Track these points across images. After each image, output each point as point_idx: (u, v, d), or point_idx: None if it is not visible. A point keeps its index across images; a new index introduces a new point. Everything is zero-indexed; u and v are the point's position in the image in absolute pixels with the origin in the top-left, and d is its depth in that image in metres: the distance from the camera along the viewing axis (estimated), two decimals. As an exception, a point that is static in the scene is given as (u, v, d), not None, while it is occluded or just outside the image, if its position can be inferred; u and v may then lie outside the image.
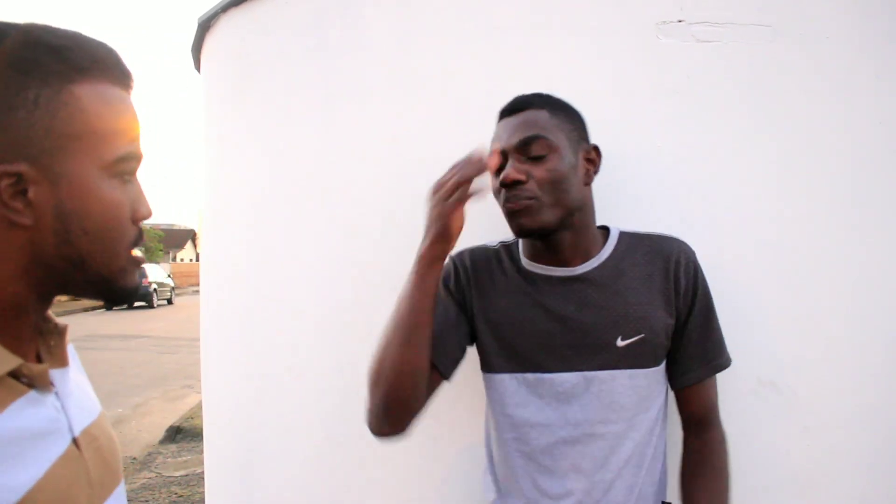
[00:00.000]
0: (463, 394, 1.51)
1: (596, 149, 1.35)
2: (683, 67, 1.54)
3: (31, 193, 0.73)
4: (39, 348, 0.85)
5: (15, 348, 0.77)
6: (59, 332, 0.88)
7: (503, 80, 1.58)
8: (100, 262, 0.79)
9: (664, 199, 1.53)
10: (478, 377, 1.48)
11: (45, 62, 0.74)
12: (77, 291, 0.83)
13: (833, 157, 1.53)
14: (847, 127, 1.54)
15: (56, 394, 0.82)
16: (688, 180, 1.53)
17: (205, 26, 2.23)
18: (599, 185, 1.38)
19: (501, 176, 1.28)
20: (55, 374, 0.83)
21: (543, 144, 1.26)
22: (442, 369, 1.34)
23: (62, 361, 0.86)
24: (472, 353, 1.42)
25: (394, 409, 1.28)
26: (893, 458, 1.54)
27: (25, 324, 0.80)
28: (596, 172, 1.35)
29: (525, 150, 1.27)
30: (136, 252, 0.84)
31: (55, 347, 0.87)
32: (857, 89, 1.55)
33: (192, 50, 2.45)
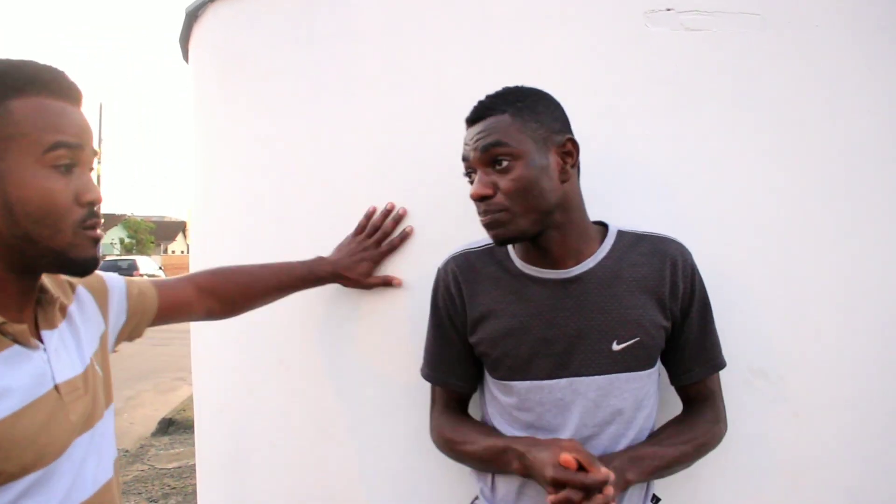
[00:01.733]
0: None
1: (571, 140, 1.29)
2: (672, 57, 1.54)
3: None
4: (38, 314, 1.09)
5: (3, 313, 1.00)
6: (51, 301, 1.11)
7: (492, 70, 1.58)
8: (46, 239, 1.00)
9: (652, 190, 1.53)
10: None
11: None
12: (40, 266, 1.05)
13: (823, 147, 1.53)
14: (836, 116, 1.54)
15: (44, 349, 1.06)
16: (676, 170, 1.53)
17: (193, 16, 2.21)
18: (586, 177, 1.37)
19: (470, 192, 1.27)
20: (46, 334, 1.08)
21: (505, 151, 1.23)
22: (462, 391, 1.48)
23: (52, 324, 1.10)
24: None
25: None
26: (883, 444, 1.55)
27: (9, 295, 1.03)
28: (574, 165, 1.30)
29: (489, 160, 1.25)
30: (92, 230, 1.04)
31: (48, 313, 1.10)
32: (846, 78, 1.55)
33: (181, 40, 2.43)
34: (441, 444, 1.44)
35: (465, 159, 1.30)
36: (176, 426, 7.01)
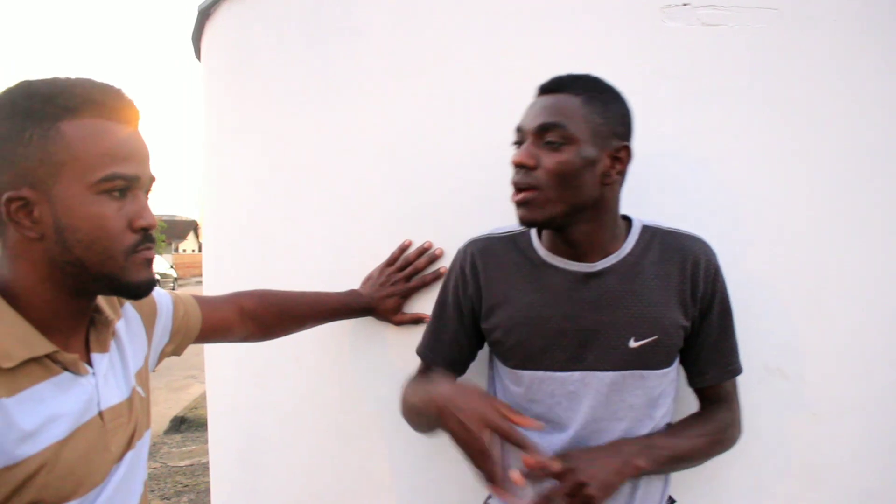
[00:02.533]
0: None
1: (627, 148, 1.26)
2: (688, 51, 1.52)
3: (35, 212, 0.95)
4: (90, 335, 1.08)
5: (56, 337, 0.99)
6: (106, 323, 1.11)
7: (503, 66, 1.57)
8: (97, 265, 0.98)
9: (667, 186, 1.52)
10: (482, 366, 1.47)
11: (38, 108, 0.94)
12: (93, 290, 1.03)
13: (841, 143, 1.52)
14: (854, 111, 1.52)
15: (93, 374, 1.05)
16: (692, 166, 1.52)
17: (205, 14, 2.21)
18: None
19: (512, 157, 1.24)
20: (96, 357, 1.07)
21: (561, 133, 1.20)
22: (455, 372, 1.44)
23: (104, 347, 1.09)
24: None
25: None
26: (902, 444, 1.53)
27: (64, 318, 1.02)
28: (620, 173, 1.27)
29: (542, 135, 1.22)
30: (144, 254, 1.01)
31: (101, 335, 1.10)
32: (863, 72, 1.53)
33: (193, 38, 2.43)
34: (401, 406, 1.41)
35: (518, 128, 1.27)
36: (188, 424, 7.04)
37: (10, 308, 0.97)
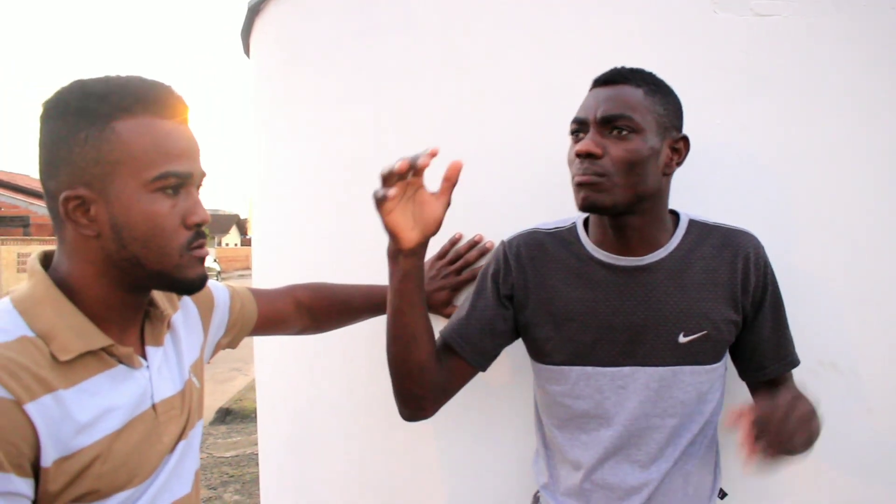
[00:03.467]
0: (515, 379, 1.51)
1: (685, 140, 1.29)
2: (741, 42, 1.50)
3: (91, 211, 0.97)
4: (145, 328, 1.10)
5: (111, 331, 1.02)
6: (161, 317, 1.13)
7: (555, 58, 1.57)
8: (153, 261, 1.00)
9: (721, 180, 1.50)
10: (527, 361, 1.48)
11: (93, 107, 0.96)
12: (148, 285, 1.06)
13: (896, 133, 1.49)
14: (914, 101, 1.49)
15: (147, 367, 1.07)
16: (745, 159, 1.50)
17: (255, 10, 2.24)
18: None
19: (577, 146, 1.23)
20: (151, 350, 1.10)
21: (628, 123, 1.21)
22: (470, 361, 1.37)
23: (158, 341, 1.12)
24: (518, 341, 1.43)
25: (405, 399, 1.37)
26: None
27: (119, 312, 1.04)
28: (679, 164, 1.28)
29: (608, 124, 1.22)
30: (198, 251, 1.03)
31: (156, 329, 1.12)
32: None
33: (242, 34, 2.47)
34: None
35: (579, 119, 1.26)
36: (233, 416, 7.16)
37: (69, 302, 0.99)
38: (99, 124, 0.95)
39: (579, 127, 1.27)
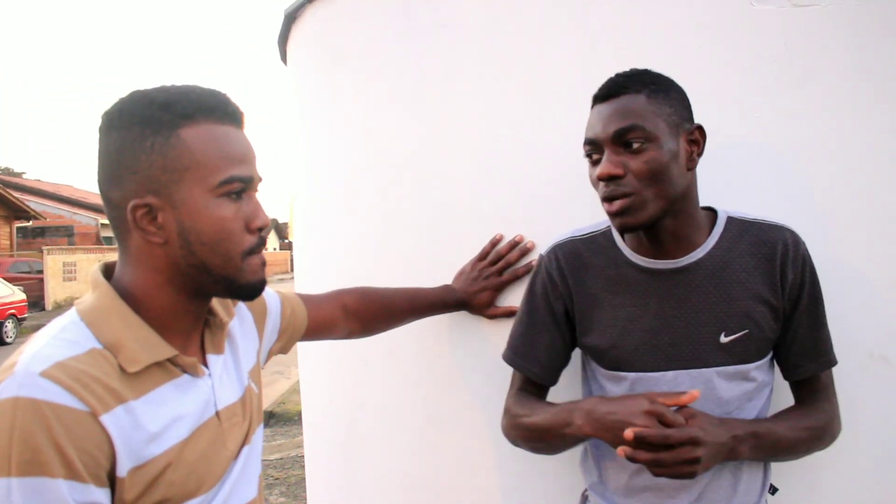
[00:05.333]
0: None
1: (700, 129, 1.26)
2: (780, 34, 1.48)
3: (159, 218, 0.98)
4: (205, 337, 1.12)
5: (175, 340, 1.03)
6: (221, 325, 1.15)
7: (595, 54, 1.56)
8: (219, 266, 1.01)
9: (762, 173, 1.48)
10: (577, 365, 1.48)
11: (157, 116, 0.97)
12: (211, 292, 1.06)
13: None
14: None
15: (209, 375, 1.09)
16: (787, 151, 1.48)
17: (291, 18, 2.26)
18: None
19: (597, 171, 1.22)
20: (212, 358, 1.11)
21: (640, 134, 1.19)
22: (550, 384, 1.45)
23: (218, 349, 1.14)
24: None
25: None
26: None
27: (182, 321, 1.05)
28: (700, 154, 1.27)
29: (621, 140, 1.20)
30: (259, 256, 1.05)
31: (216, 337, 1.14)
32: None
33: (279, 42, 2.49)
34: (506, 423, 1.43)
35: (591, 140, 1.25)
36: (276, 419, 7.22)
37: (134, 313, 1.00)
38: (164, 132, 0.96)
39: (592, 148, 1.25)
